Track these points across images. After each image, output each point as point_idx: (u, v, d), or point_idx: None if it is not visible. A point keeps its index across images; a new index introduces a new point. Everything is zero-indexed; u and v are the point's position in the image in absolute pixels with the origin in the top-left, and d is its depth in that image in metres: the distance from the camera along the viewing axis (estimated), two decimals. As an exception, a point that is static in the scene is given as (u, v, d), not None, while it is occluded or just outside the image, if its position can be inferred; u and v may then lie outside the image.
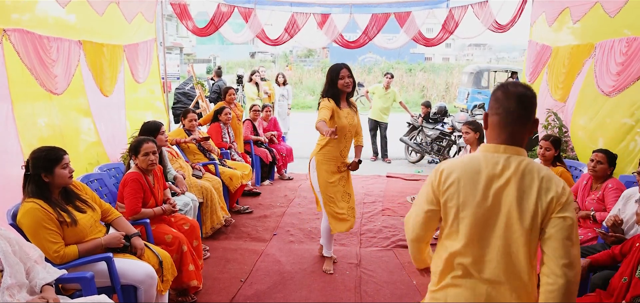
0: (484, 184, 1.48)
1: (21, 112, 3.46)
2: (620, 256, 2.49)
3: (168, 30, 28.45)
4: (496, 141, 1.54)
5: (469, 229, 1.49)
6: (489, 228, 1.48)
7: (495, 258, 1.46)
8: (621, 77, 3.87)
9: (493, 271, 1.46)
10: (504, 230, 1.46)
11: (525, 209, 1.44)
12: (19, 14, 3.57)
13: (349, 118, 3.52)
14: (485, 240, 1.48)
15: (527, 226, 1.43)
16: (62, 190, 2.55)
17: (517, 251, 1.45)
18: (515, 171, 1.47)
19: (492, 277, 1.47)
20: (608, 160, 3.25)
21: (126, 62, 5.48)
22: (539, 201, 1.43)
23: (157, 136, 3.83)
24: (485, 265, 1.47)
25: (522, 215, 1.44)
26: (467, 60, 41.07)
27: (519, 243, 1.44)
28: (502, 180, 1.47)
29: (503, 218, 1.46)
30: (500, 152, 1.51)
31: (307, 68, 27.69)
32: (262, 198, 5.85)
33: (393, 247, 4.32)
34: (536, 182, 1.45)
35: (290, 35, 7.21)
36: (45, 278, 2.13)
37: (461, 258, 1.50)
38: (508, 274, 1.46)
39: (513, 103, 1.50)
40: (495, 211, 1.47)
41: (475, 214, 1.48)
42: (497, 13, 6.62)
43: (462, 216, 1.50)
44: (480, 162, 1.52)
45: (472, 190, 1.49)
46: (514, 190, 1.45)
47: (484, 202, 1.48)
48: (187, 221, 3.42)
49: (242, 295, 3.39)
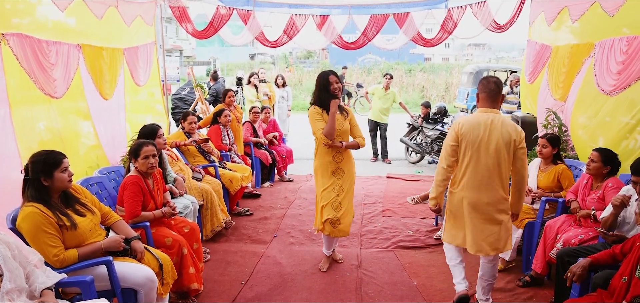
0: (482, 128, 2.80)
1: (19, 117, 3.46)
2: (621, 255, 2.48)
3: (167, 33, 28.48)
4: (486, 106, 2.88)
5: (473, 154, 2.83)
6: (488, 152, 2.80)
7: (492, 168, 2.81)
8: (622, 76, 3.87)
9: (493, 174, 2.82)
10: (495, 152, 2.79)
11: (505, 140, 2.78)
12: (18, 19, 3.57)
13: (337, 123, 3.55)
14: (485, 157, 2.81)
15: (506, 149, 2.79)
16: (62, 194, 2.55)
17: (502, 163, 2.81)
18: (497, 121, 2.81)
19: (491, 178, 2.83)
20: (602, 159, 3.25)
21: (126, 65, 5.48)
22: (510, 137, 2.79)
23: (155, 139, 3.82)
24: (487, 171, 2.82)
25: (504, 143, 2.78)
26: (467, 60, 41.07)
27: (503, 158, 2.81)
28: (492, 125, 2.80)
29: (493, 145, 2.79)
30: (488, 112, 2.85)
31: (307, 69, 27.71)
32: (262, 200, 5.85)
33: (394, 248, 4.31)
34: (508, 126, 2.81)
35: (289, 37, 7.21)
36: (45, 282, 2.12)
37: (471, 171, 2.86)
38: (498, 175, 2.82)
39: (493, 85, 2.86)
40: (490, 141, 2.79)
41: (478, 147, 2.81)
42: (496, 13, 6.61)
43: (470, 147, 2.82)
44: (479, 118, 2.84)
45: (476, 131, 2.81)
46: (499, 130, 2.79)
47: (484, 137, 2.79)
48: (187, 224, 3.41)
49: (242, 297, 3.38)
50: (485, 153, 2.80)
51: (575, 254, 2.80)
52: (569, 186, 3.64)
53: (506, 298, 3.35)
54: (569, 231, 3.24)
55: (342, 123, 3.59)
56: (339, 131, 3.56)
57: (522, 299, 3.33)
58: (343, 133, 3.61)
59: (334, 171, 3.63)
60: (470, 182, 2.86)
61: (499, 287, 3.49)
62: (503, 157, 2.79)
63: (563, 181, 3.71)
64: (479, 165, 2.82)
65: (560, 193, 3.72)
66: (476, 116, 2.86)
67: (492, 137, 2.78)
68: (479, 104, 2.91)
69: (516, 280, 3.57)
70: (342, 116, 3.62)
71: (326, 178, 3.63)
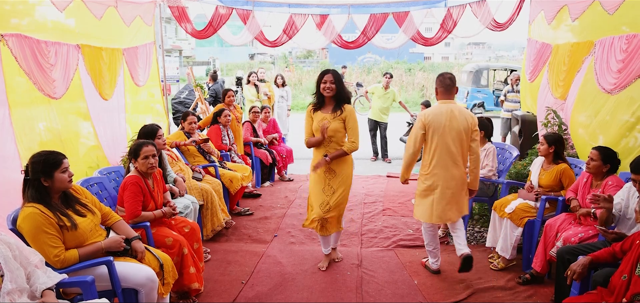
0: (445, 116, 3.33)
1: (19, 117, 3.45)
2: (620, 253, 2.48)
3: (167, 33, 28.49)
4: (444, 98, 3.43)
5: (439, 139, 3.33)
6: (449, 137, 3.33)
7: (453, 150, 3.34)
8: (622, 75, 3.86)
9: (453, 156, 3.36)
10: (457, 135, 3.33)
11: (464, 125, 3.34)
12: (18, 19, 3.57)
13: (323, 122, 3.52)
14: (447, 142, 3.33)
15: (465, 133, 3.34)
16: (62, 194, 2.55)
17: (463, 144, 3.37)
18: (455, 109, 3.36)
19: (452, 160, 3.36)
20: (602, 157, 3.25)
21: (125, 65, 5.47)
22: (467, 122, 3.35)
23: (155, 139, 3.82)
24: (448, 154, 3.35)
25: (463, 128, 3.33)
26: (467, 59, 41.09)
27: (463, 140, 3.36)
28: (451, 113, 3.33)
29: (455, 130, 3.32)
30: (447, 103, 3.40)
31: (307, 69, 27.70)
32: (263, 200, 5.85)
33: (394, 247, 4.32)
34: (464, 113, 3.38)
35: (288, 37, 7.20)
36: (46, 282, 2.12)
37: (435, 155, 3.38)
38: (461, 154, 3.38)
39: (448, 81, 3.42)
40: (452, 127, 3.32)
41: (442, 132, 3.33)
42: (495, 11, 6.61)
43: (435, 133, 3.34)
44: (441, 108, 3.38)
45: (440, 119, 3.33)
46: (458, 117, 3.33)
47: (446, 123, 3.32)
48: (187, 224, 3.42)
49: (243, 297, 3.38)
50: (449, 137, 3.34)
51: (575, 252, 2.80)
52: (569, 185, 3.64)
53: (507, 297, 3.35)
54: (569, 230, 3.24)
55: (330, 122, 3.52)
56: (330, 130, 3.51)
57: (523, 297, 3.33)
58: (335, 133, 3.53)
59: (326, 171, 3.63)
60: (439, 163, 3.38)
61: (499, 285, 3.50)
62: (463, 139, 3.37)
63: (564, 180, 3.71)
64: (445, 148, 3.35)
65: (561, 191, 3.73)
66: (438, 107, 3.41)
67: (453, 123, 3.33)
68: (438, 97, 3.49)
69: (516, 278, 3.57)
70: (331, 116, 3.54)
71: (317, 176, 3.65)
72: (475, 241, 4.45)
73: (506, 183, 4.26)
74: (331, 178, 3.64)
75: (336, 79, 3.55)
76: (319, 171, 3.64)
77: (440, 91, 3.45)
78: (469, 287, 3.50)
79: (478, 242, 4.42)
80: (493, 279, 3.61)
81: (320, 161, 3.57)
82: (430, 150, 3.40)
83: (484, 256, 4.03)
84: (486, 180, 4.33)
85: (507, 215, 3.72)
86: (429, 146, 3.40)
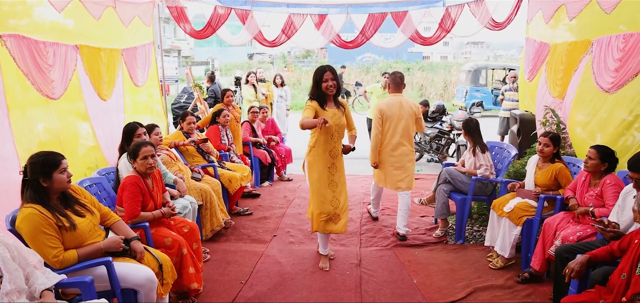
0: (396, 107, 4.26)
1: (17, 118, 3.45)
2: (618, 252, 2.49)
3: (166, 33, 28.47)
4: (394, 92, 4.37)
5: (391, 124, 4.26)
6: (400, 125, 4.25)
7: (403, 133, 4.27)
8: (619, 74, 3.87)
9: (403, 137, 4.29)
10: (405, 121, 4.25)
11: (409, 113, 4.28)
12: (16, 20, 3.57)
13: (335, 118, 3.56)
14: (398, 126, 4.24)
15: (410, 119, 4.29)
16: (61, 195, 2.55)
17: (410, 129, 4.31)
18: (403, 101, 4.30)
19: (402, 140, 4.28)
20: (600, 156, 3.25)
21: (124, 66, 5.47)
22: (412, 110, 4.31)
23: (133, 137, 3.80)
24: (400, 135, 4.27)
25: (409, 115, 4.27)
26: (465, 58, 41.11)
27: (411, 124, 4.30)
28: (400, 104, 4.27)
29: (405, 117, 4.26)
30: (397, 96, 4.34)
31: (306, 69, 27.69)
32: (262, 200, 5.85)
33: (393, 247, 4.32)
34: (410, 103, 4.35)
35: (287, 37, 7.20)
36: (45, 283, 2.12)
37: (390, 136, 4.30)
38: (407, 138, 4.31)
39: (397, 79, 4.39)
40: (402, 115, 4.25)
41: (395, 119, 4.25)
42: (494, 11, 6.61)
43: (389, 120, 4.25)
44: (392, 100, 4.31)
45: (392, 109, 4.25)
46: (404, 107, 4.26)
47: (397, 113, 4.25)
48: (186, 224, 3.42)
49: (242, 297, 3.39)
50: (398, 123, 4.28)
51: (574, 251, 2.81)
52: (566, 184, 3.65)
53: (505, 295, 3.36)
54: (568, 228, 3.25)
55: (339, 117, 3.61)
56: (337, 127, 3.60)
57: (521, 296, 3.34)
58: (340, 128, 3.64)
59: (330, 167, 3.65)
60: (391, 142, 4.34)
61: (498, 284, 3.51)
62: (409, 124, 4.32)
63: (561, 179, 3.71)
64: (396, 131, 4.30)
65: (559, 190, 3.73)
66: (390, 98, 4.38)
67: (401, 112, 4.28)
68: (390, 90, 4.47)
69: (515, 277, 3.57)
70: (339, 111, 3.64)
71: (322, 173, 3.66)
72: (474, 240, 4.45)
73: (504, 182, 4.27)
74: (334, 173, 3.67)
75: (336, 76, 3.62)
76: (322, 168, 3.65)
77: (392, 86, 4.43)
78: (468, 285, 3.50)
79: (477, 241, 4.43)
80: (492, 278, 3.62)
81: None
82: (387, 134, 4.34)
83: (483, 255, 4.04)
84: (484, 180, 4.34)
85: (506, 214, 3.72)
86: (386, 131, 4.32)
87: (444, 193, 4.45)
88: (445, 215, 4.52)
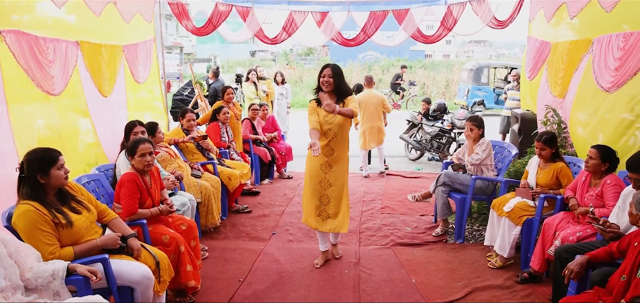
0: (368, 97, 6.86)
1: (17, 114, 3.45)
2: (617, 253, 2.47)
3: (168, 30, 28.46)
4: (368, 87, 6.96)
5: (365, 109, 6.82)
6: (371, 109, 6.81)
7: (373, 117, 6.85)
8: (620, 73, 3.85)
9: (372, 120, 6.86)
10: (375, 110, 6.83)
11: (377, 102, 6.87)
12: (17, 16, 3.56)
13: (328, 117, 3.53)
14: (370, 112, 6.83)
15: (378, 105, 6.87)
16: (58, 191, 2.54)
17: (379, 111, 6.88)
18: (373, 94, 6.93)
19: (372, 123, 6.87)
20: (600, 156, 3.23)
21: (126, 62, 5.47)
22: (379, 100, 6.91)
23: (131, 136, 3.79)
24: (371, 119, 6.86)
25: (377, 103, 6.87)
26: (468, 57, 40.99)
27: (379, 110, 6.88)
28: (370, 96, 6.87)
29: (374, 105, 6.82)
30: (370, 90, 6.95)
31: (308, 66, 27.66)
32: (261, 197, 5.85)
33: (392, 245, 4.31)
34: (378, 96, 7.00)
35: (288, 34, 7.19)
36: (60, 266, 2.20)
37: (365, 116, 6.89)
38: (377, 116, 6.88)
39: (371, 79, 7.07)
40: (372, 104, 6.82)
41: (367, 104, 6.81)
42: (496, 9, 6.59)
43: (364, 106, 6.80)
44: (367, 92, 6.92)
45: (367, 99, 6.83)
46: (374, 99, 6.86)
47: (368, 101, 6.82)
48: (184, 222, 3.41)
49: (240, 295, 3.38)
50: (371, 107, 6.74)
51: (573, 251, 2.79)
52: (567, 183, 3.63)
53: (504, 295, 3.35)
54: (567, 229, 3.23)
55: (334, 117, 3.54)
56: (333, 125, 3.56)
57: (520, 296, 3.32)
58: (337, 126, 3.57)
59: (322, 165, 3.64)
60: (367, 121, 6.79)
61: (497, 284, 3.49)
62: (378, 109, 6.77)
63: (562, 179, 3.69)
64: (369, 113, 6.74)
65: (559, 190, 3.72)
66: (366, 92, 6.85)
67: (371, 100, 6.75)
68: (365, 86, 6.92)
69: (514, 277, 3.56)
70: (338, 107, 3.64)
71: (314, 169, 3.66)
72: (473, 240, 4.44)
73: (505, 182, 4.25)
74: (327, 172, 3.66)
75: (335, 73, 3.57)
76: (315, 164, 3.64)
77: (366, 84, 6.93)
78: (467, 285, 3.49)
79: (476, 240, 4.42)
80: (491, 278, 3.61)
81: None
82: (364, 116, 6.77)
83: (482, 254, 4.02)
84: (484, 179, 4.32)
85: (506, 214, 3.71)
86: (363, 112, 6.72)
87: (443, 194, 4.43)
88: (447, 214, 4.50)
